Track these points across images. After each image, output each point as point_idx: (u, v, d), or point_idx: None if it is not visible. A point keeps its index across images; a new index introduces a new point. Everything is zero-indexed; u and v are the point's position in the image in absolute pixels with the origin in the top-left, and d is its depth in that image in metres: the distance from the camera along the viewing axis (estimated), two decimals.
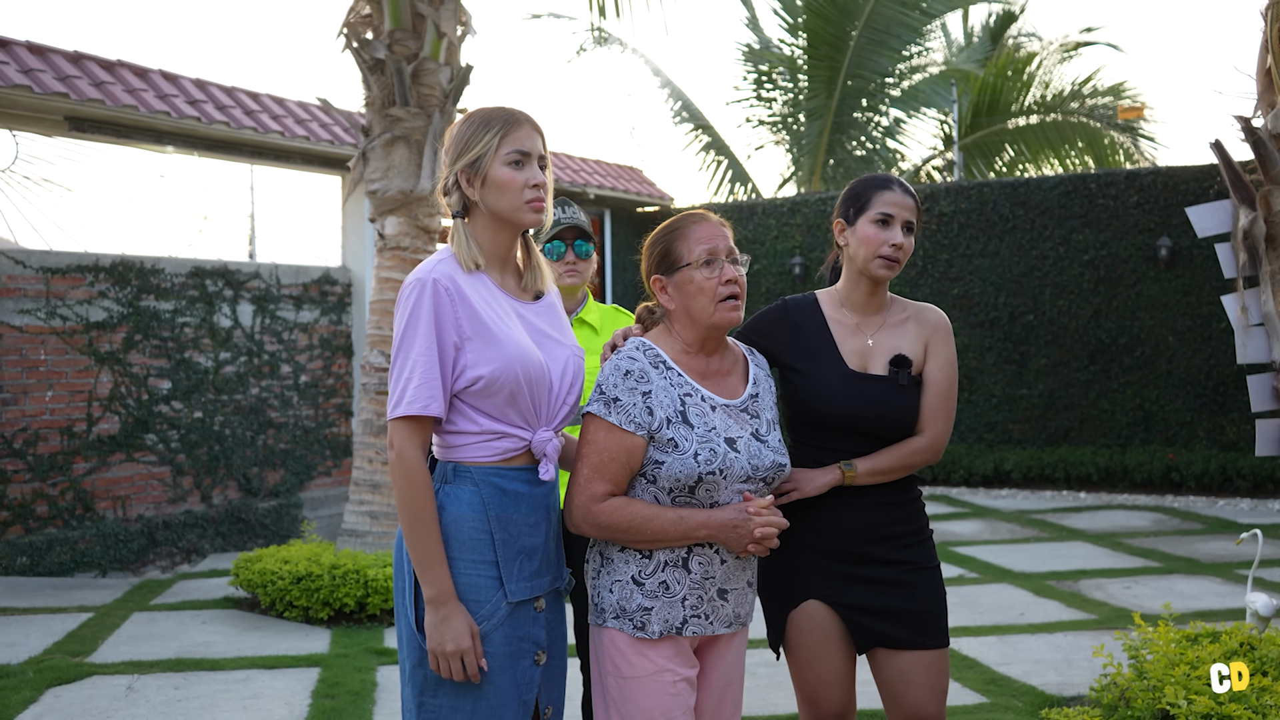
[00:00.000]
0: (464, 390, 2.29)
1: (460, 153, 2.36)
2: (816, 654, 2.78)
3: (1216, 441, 10.77)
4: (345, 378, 10.16)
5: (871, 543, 2.76)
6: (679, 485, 2.41)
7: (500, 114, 2.38)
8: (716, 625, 2.49)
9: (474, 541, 2.28)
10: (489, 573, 2.29)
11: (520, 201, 2.34)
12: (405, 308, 2.28)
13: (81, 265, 8.13)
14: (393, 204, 6.73)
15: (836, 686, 2.79)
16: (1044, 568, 7.52)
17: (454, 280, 2.29)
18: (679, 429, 2.42)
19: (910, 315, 2.88)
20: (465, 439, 2.32)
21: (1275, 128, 3.91)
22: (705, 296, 2.47)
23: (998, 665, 5.29)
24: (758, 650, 5.50)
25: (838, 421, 2.76)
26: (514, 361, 2.27)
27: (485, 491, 2.30)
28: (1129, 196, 11.15)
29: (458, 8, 6.97)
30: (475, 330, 2.28)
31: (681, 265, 2.50)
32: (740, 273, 2.51)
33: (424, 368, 2.24)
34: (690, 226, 2.53)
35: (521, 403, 2.31)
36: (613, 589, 2.45)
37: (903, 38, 15.73)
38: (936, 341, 2.84)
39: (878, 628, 2.76)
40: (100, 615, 6.43)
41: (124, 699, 4.92)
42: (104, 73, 8.28)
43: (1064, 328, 11.39)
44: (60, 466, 7.89)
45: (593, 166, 13.80)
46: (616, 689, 2.44)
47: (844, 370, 2.79)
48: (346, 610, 6.18)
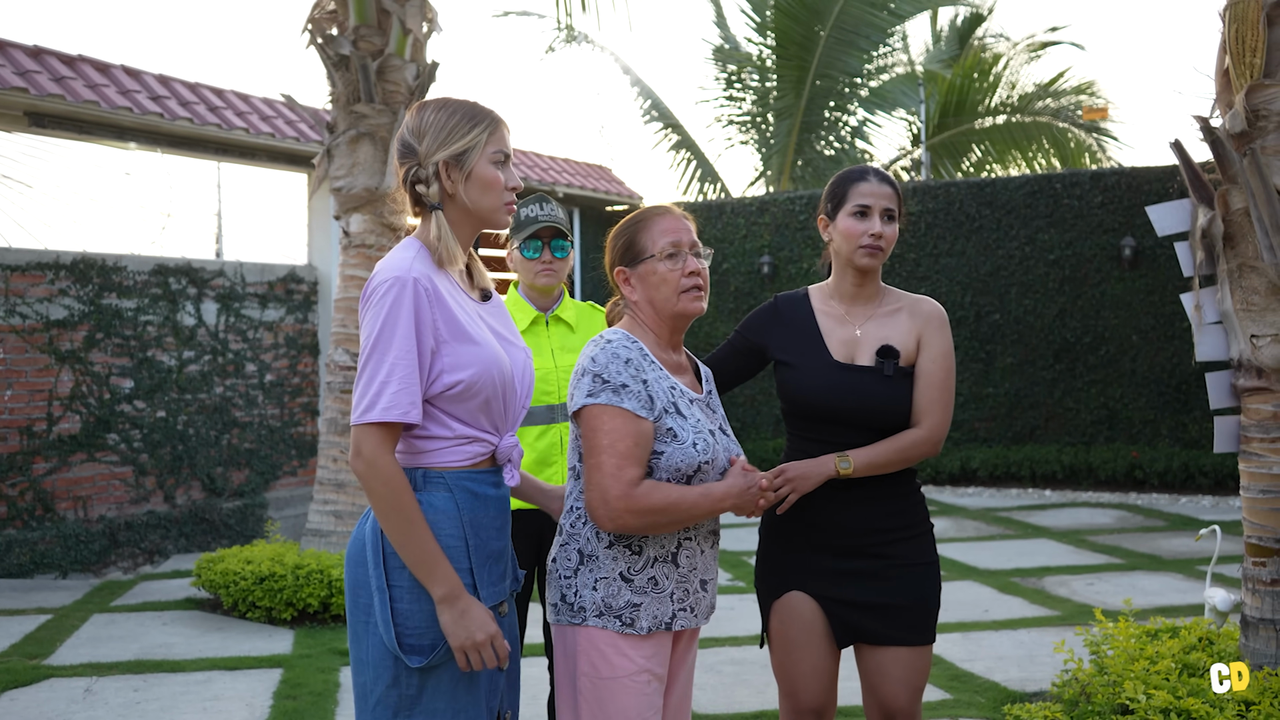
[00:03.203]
0: (439, 395, 2.21)
1: (443, 143, 2.26)
2: (798, 646, 2.78)
3: (1179, 439, 10.89)
4: (311, 377, 10.08)
5: (865, 536, 2.76)
6: (678, 475, 2.41)
7: (484, 110, 2.32)
8: (699, 617, 2.51)
9: (451, 549, 2.21)
10: (465, 580, 2.22)
11: (500, 202, 2.30)
12: (382, 306, 2.16)
13: (42, 263, 8.02)
14: (358, 201, 6.69)
15: (816, 679, 2.78)
16: (1009, 565, 7.57)
17: (431, 279, 2.20)
18: (675, 419, 2.43)
19: (904, 307, 2.87)
20: (437, 444, 2.24)
21: (1233, 128, 3.94)
22: (668, 288, 2.49)
23: (961, 661, 5.32)
24: (723, 648, 5.52)
25: (824, 413, 2.77)
26: (491, 365, 2.23)
27: (460, 497, 2.23)
28: (1094, 196, 11.25)
29: (424, 4, 6.92)
30: (452, 333, 2.20)
31: (645, 257, 2.51)
32: (703, 265, 2.53)
33: (403, 371, 2.14)
34: (653, 219, 2.54)
35: (494, 407, 2.26)
36: (596, 586, 2.41)
37: (871, 38, 15.80)
38: (930, 333, 2.82)
39: (859, 622, 2.76)
40: (59, 617, 6.35)
41: (82, 701, 4.85)
42: (65, 68, 8.17)
43: (1029, 327, 11.48)
44: (19, 466, 7.78)
45: (562, 165, 13.77)
46: (591, 689, 2.40)
47: (829, 361, 2.80)
48: (310, 610, 6.14)
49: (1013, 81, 17.25)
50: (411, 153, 2.29)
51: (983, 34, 18.73)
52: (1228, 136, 3.99)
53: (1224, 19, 3.97)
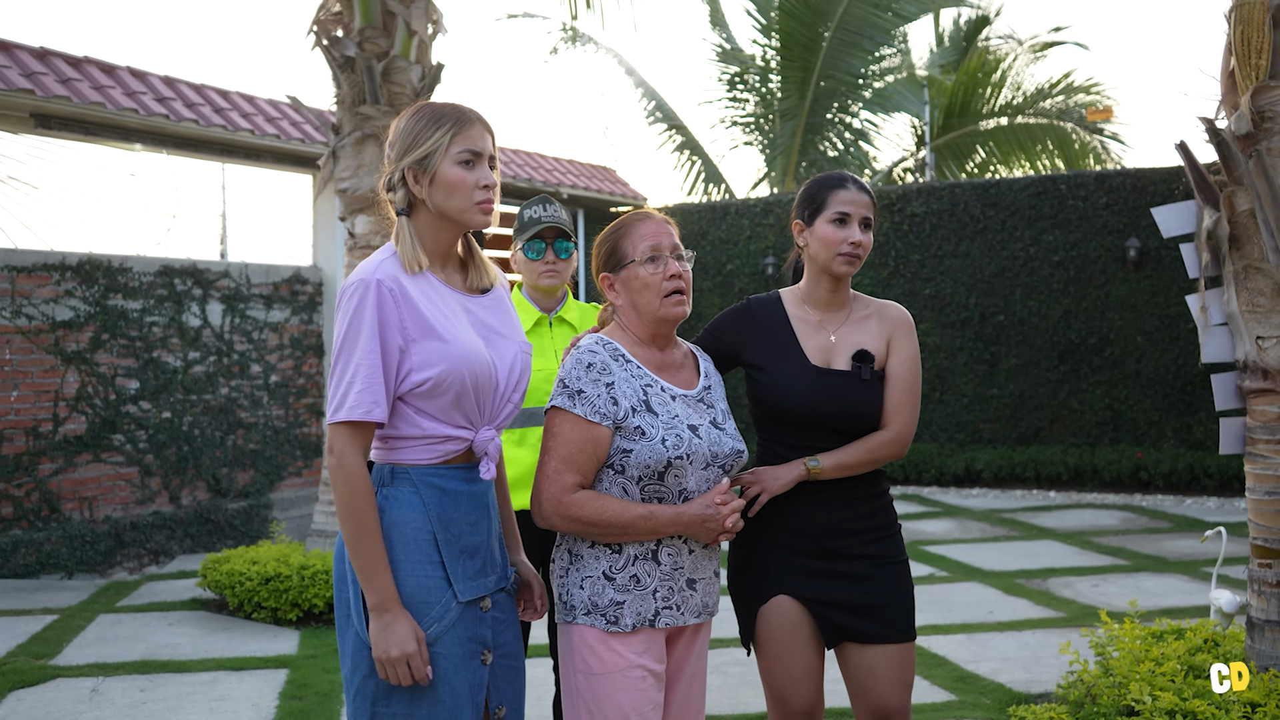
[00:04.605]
0: (409, 393, 2.24)
1: (408, 148, 2.29)
2: (786, 649, 2.79)
3: (1184, 441, 10.88)
4: (316, 377, 10.10)
5: (839, 537, 2.79)
6: (648, 472, 2.44)
7: (451, 111, 2.32)
8: (687, 615, 2.53)
9: (417, 543, 2.25)
10: (436, 573, 2.25)
11: (470, 202, 2.29)
12: (348, 309, 2.22)
13: (48, 264, 8.04)
14: (363, 202, 6.70)
15: (805, 682, 2.80)
16: (1013, 566, 7.57)
17: (398, 281, 2.24)
18: (644, 417, 2.46)
19: (873, 312, 2.92)
20: (407, 442, 2.28)
21: (1239, 129, 3.94)
22: (650, 292, 2.54)
23: (966, 663, 5.32)
24: (729, 649, 5.51)
25: (802, 417, 2.80)
26: (461, 362, 2.24)
27: (425, 492, 2.27)
28: (1098, 198, 11.24)
29: (429, 6, 6.94)
30: (420, 331, 2.23)
31: (627, 262, 2.57)
32: (685, 268, 2.58)
33: (366, 372, 2.19)
34: (635, 225, 2.59)
35: (466, 403, 2.28)
36: (583, 585, 2.47)
37: (875, 39, 15.80)
38: (899, 337, 2.88)
39: (845, 622, 2.78)
40: (65, 617, 6.36)
41: (88, 701, 4.86)
42: (70, 69, 8.19)
43: (1034, 328, 11.47)
44: (25, 467, 7.79)
45: (566, 166, 13.78)
46: (586, 686, 2.46)
47: (807, 366, 2.83)
48: (315, 611, 6.14)
49: (1017, 83, 17.25)
50: (388, 161, 2.35)
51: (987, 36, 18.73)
52: (1233, 138, 3.99)
53: (1229, 20, 3.97)
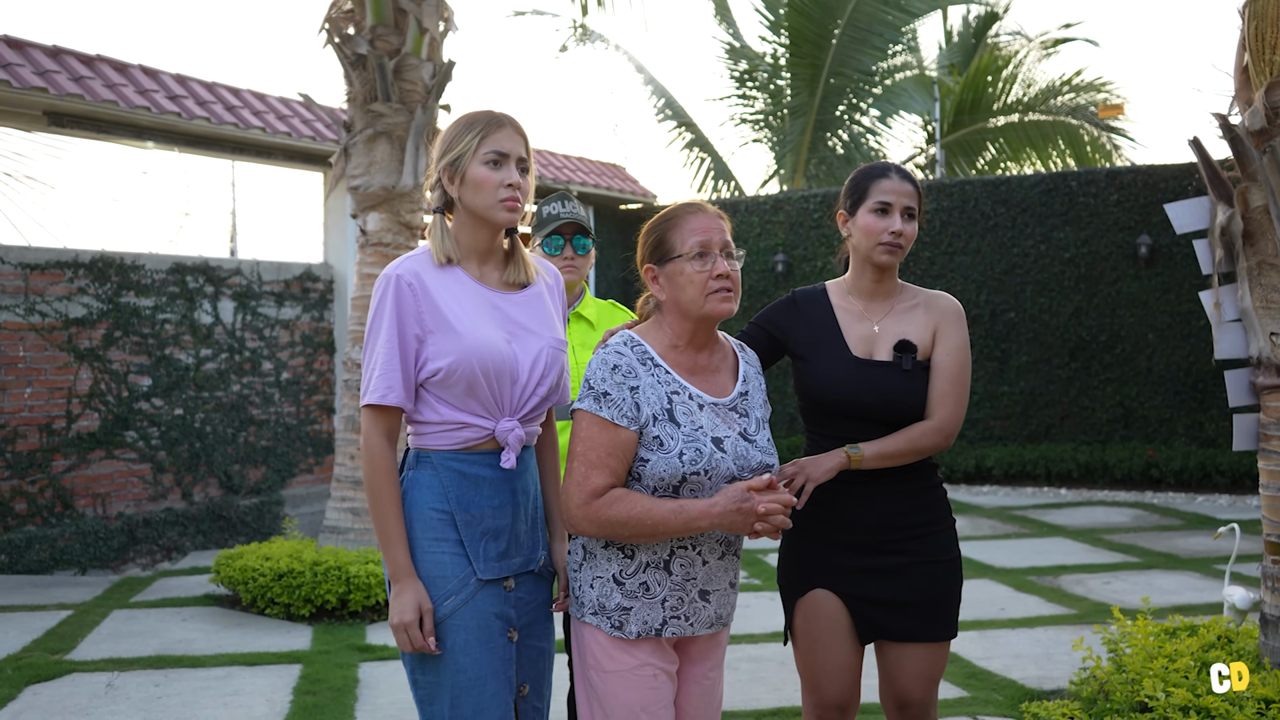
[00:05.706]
0: (426, 381, 2.40)
1: (444, 151, 2.47)
2: (821, 643, 2.79)
3: (1195, 438, 10.85)
4: (327, 374, 10.13)
5: (884, 532, 2.77)
6: (663, 484, 2.37)
7: (484, 116, 2.48)
8: (698, 626, 2.47)
9: (436, 523, 2.40)
10: (454, 550, 2.40)
11: (494, 200, 2.42)
12: (373, 303, 2.43)
13: (61, 261, 8.07)
14: (375, 200, 6.72)
15: (839, 676, 2.80)
16: (1025, 563, 7.56)
17: (418, 276, 2.41)
18: (665, 427, 2.38)
19: (920, 302, 2.88)
20: (429, 428, 2.43)
21: (1253, 125, 3.93)
22: (695, 289, 2.41)
23: (979, 659, 5.32)
24: (741, 646, 5.52)
25: (842, 407, 2.77)
26: (471, 354, 2.36)
27: (444, 475, 2.41)
28: (1109, 194, 11.21)
29: (440, 3, 6.95)
30: (437, 324, 2.39)
31: (673, 256, 2.44)
32: (734, 268, 2.44)
33: (384, 359, 2.38)
34: (685, 217, 2.46)
35: (481, 393, 2.39)
36: (593, 584, 2.44)
37: (885, 36, 15.79)
38: (946, 326, 2.83)
39: (880, 619, 2.78)
40: (80, 613, 6.39)
41: (104, 696, 4.89)
42: (83, 67, 8.22)
43: (1045, 325, 11.45)
44: (39, 464, 7.83)
45: (576, 164, 13.79)
46: (599, 681, 2.44)
47: (848, 356, 2.80)
48: (328, 607, 6.17)
49: (1028, 80, 17.20)
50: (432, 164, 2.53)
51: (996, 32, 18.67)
52: (1247, 134, 3.98)
53: (1243, 16, 3.96)
